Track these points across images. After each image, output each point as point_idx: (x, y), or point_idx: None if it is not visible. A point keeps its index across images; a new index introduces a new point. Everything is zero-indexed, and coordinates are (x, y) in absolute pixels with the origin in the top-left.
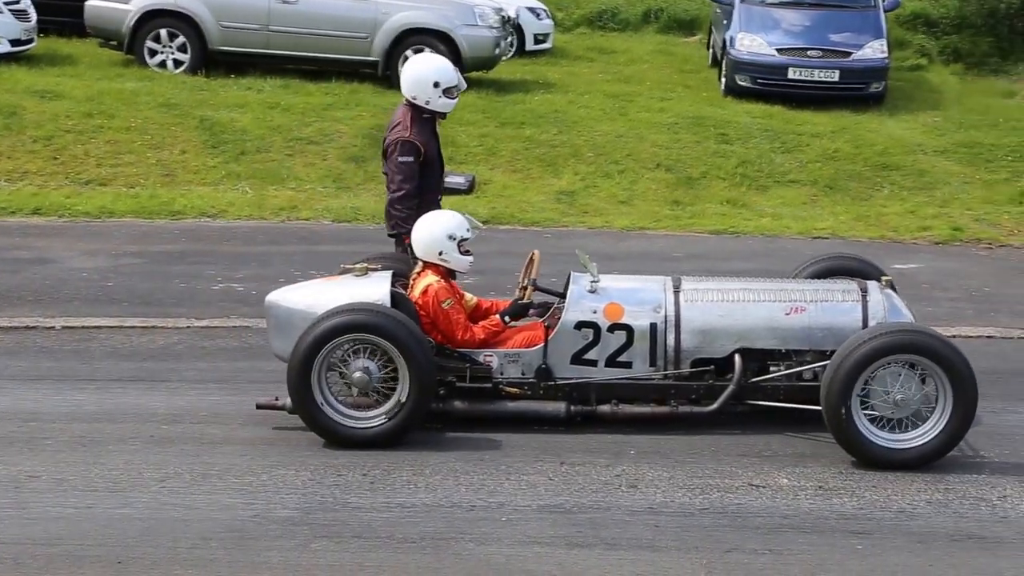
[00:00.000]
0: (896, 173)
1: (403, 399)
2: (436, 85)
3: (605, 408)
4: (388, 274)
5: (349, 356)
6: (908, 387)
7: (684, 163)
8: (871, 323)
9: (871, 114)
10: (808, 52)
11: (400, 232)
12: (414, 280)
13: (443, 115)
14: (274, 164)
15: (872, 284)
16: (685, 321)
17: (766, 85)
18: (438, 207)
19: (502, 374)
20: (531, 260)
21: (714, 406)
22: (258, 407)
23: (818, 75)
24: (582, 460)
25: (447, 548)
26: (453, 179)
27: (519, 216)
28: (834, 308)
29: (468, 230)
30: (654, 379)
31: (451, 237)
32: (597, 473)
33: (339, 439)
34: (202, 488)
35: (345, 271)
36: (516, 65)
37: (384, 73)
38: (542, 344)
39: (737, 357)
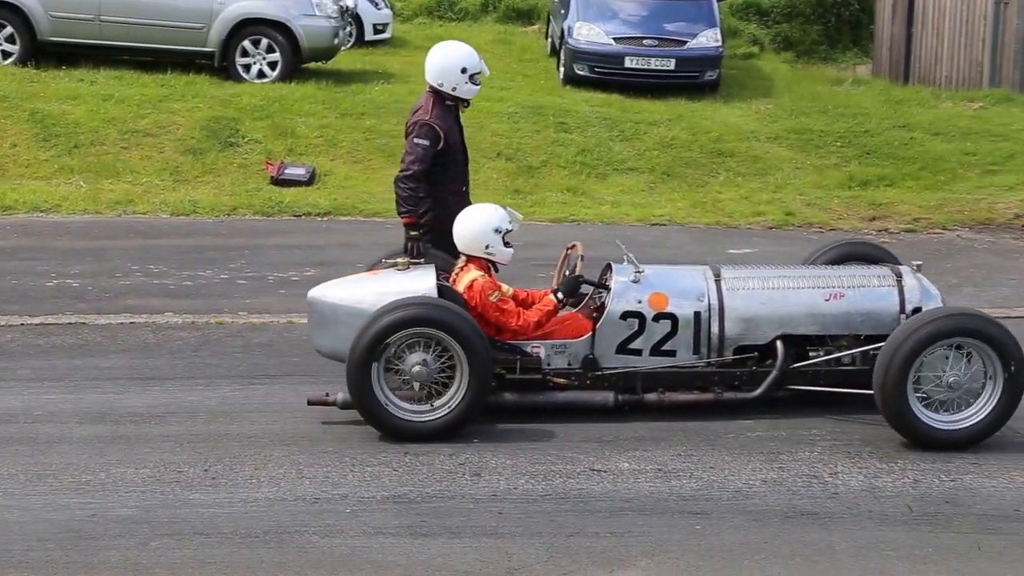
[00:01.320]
0: (731, 160)
1: (463, 392)
2: (464, 71)
3: (652, 396)
4: (431, 268)
5: (403, 351)
6: (959, 369)
7: (524, 152)
8: (907, 307)
9: (706, 102)
10: (644, 41)
11: (400, 211)
12: (457, 275)
13: (467, 102)
14: (109, 157)
15: (904, 269)
16: (729, 309)
17: (604, 74)
18: (466, 199)
19: (549, 365)
20: (566, 253)
21: (758, 391)
22: (309, 403)
23: (654, 64)
24: (426, 450)
25: (291, 542)
26: (293, 170)
27: (360, 207)
28: (872, 293)
29: (510, 222)
30: (698, 367)
31: (497, 230)
32: (441, 462)
33: (399, 434)
34: (37, 489)
35: (387, 265)
36: (356, 55)
37: (221, 64)
38: (589, 334)
39: (779, 343)
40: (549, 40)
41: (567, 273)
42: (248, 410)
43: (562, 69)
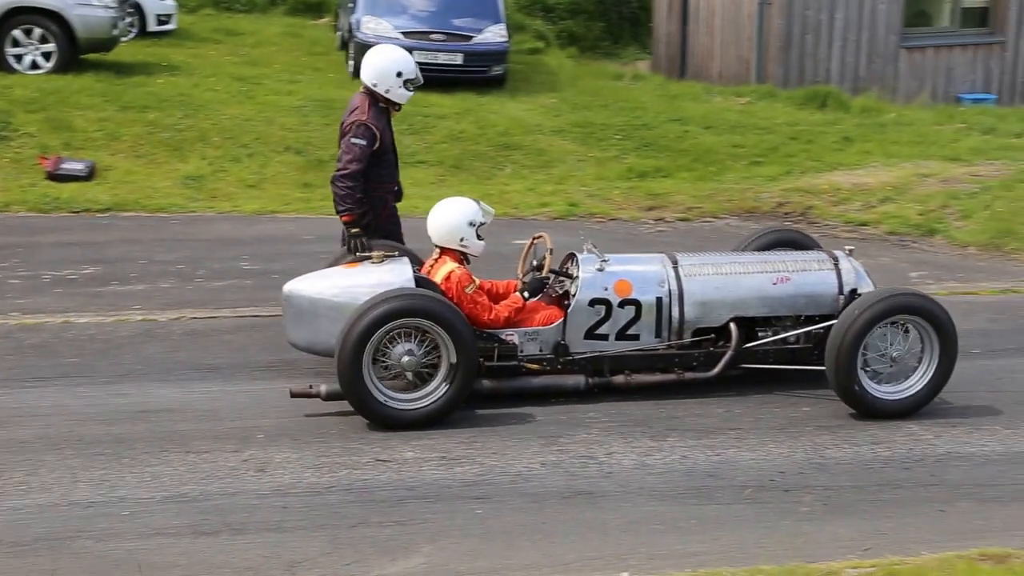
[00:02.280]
0: (517, 152)
1: (450, 380)
2: (399, 75)
3: (619, 378)
4: (406, 260)
5: (388, 343)
6: (900, 344)
7: (314, 146)
8: (845, 289)
9: (493, 96)
10: (432, 36)
11: (340, 210)
12: (431, 267)
13: (397, 107)
14: None
15: (839, 254)
16: (687, 294)
17: None
18: (394, 199)
19: (522, 352)
20: (531, 243)
21: (715, 371)
22: (292, 395)
23: (442, 58)
24: (209, 447)
25: (64, 548)
26: (70, 165)
27: (144, 203)
28: (814, 277)
29: (483, 216)
30: (659, 349)
31: (471, 224)
32: (224, 460)
33: (389, 422)
34: None
35: (361, 259)
36: (138, 47)
37: None
38: (560, 321)
39: (732, 325)
40: (339, 33)
41: (533, 263)
42: (20, 415)
43: (351, 63)
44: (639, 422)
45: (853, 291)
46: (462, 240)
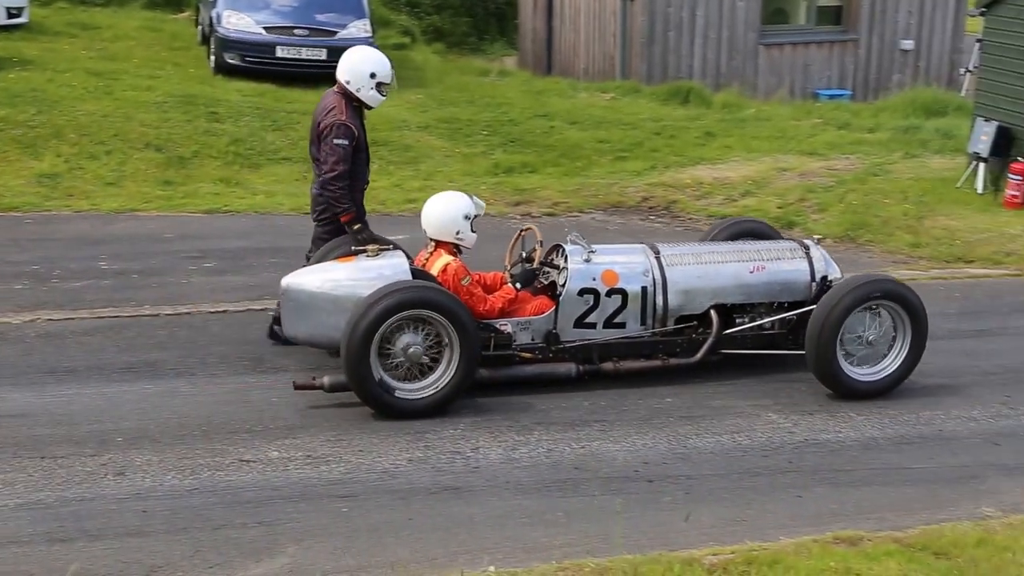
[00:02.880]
0: (384, 148)
1: (453, 369)
2: (372, 76)
3: (608, 365)
4: (401, 253)
5: (392, 334)
6: (875, 327)
7: (175, 142)
8: (817, 276)
9: None
10: (295, 31)
11: (336, 211)
12: (427, 260)
13: (369, 107)
14: None
15: (809, 242)
16: (671, 283)
17: (255, 63)
18: (362, 196)
19: (515, 341)
20: (519, 235)
21: (698, 356)
22: (296, 388)
23: (305, 53)
24: (65, 452)
25: None
26: None
27: None
28: (788, 265)
29: (476, 208)
30: (644, 337)
31: (466, 217)
32: (82, 464)
33: (393, 412)
34: None
35: (356, 253)
36: None
37: None
38: (552, 311)
39: (713, 312)
40: (199, 28)
41: (522, 255)
42: None
43: (212, 58)
44: (506, 416)
45: (824, 278)
46: (458, 233)
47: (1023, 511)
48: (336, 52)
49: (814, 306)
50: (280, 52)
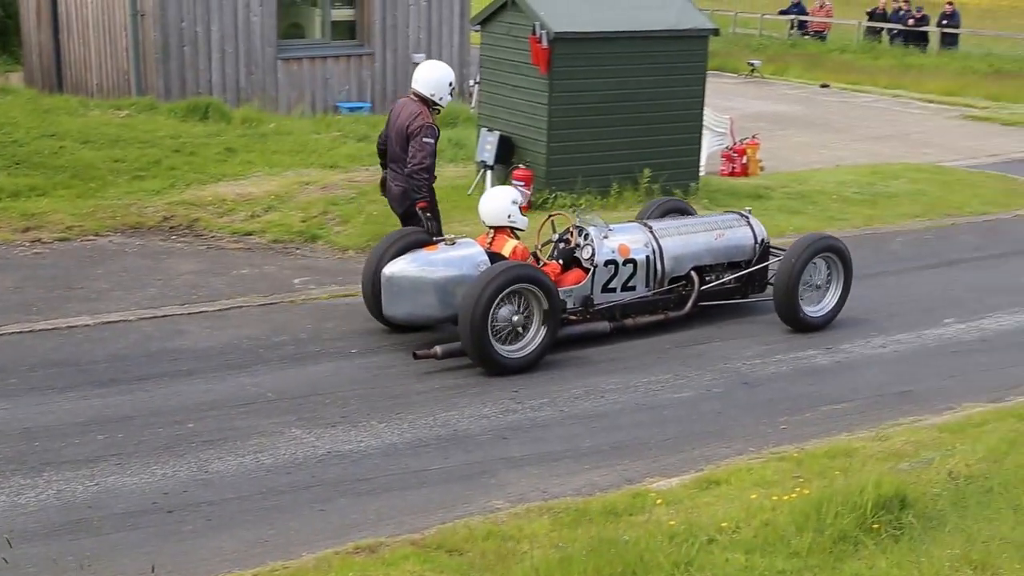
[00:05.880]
0: None
1: (544, 332)
2: (450, 85)
3: (629, 321)
4: (470, 240)
5: (495, 306)
6: (820, 274)
7: None
8: (758, 239)
9: None
10: None
11: (416, 198)
12: (489, 244)
13: (441, 110)
14: None
15: (745, 211)
16: (665, 252)
17: None
18: None
19: (565, 306)
20: (548, 218)
21: (686, 309)
22: (416, 357)
23: None
24: None
25: None
26: None
27: None
28: (739, 231)
29: (522, 196)
30: (648, 296)
31: (514, 202)
32: None
33: (502, 368)
34: None
35: (437, 242)
36: None
37: None
38: (588, 279)
39: (693, 273)
40: None
41: (554, 237)
42: None
43: None
44: (10, 459)
45: (763, 240)
46: (510, 217)
47: (528, 500)
48: None
49: (764, 263)
50: None
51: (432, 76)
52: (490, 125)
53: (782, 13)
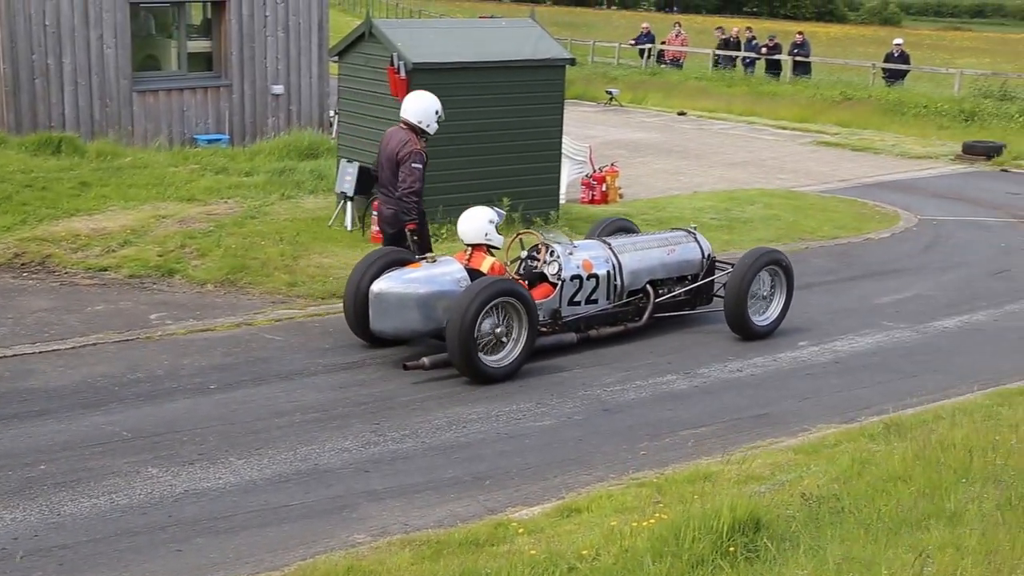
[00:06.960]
0: None
1: (523, 343)
2: (436, 112)
3: (594, 332)
4: (449, 258)
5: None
6: (766, 285)
7: None
8: (705, 253)
9: None
10: None
11: (405, 220)
12: (467, 261)
13: (428, 137)
14: None
15: (691, 228)
16: (624, 267)
17: None
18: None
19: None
20: (516, 237)
21: (643, 320)
22: (405, 368)
23: None
24: None
25: None
26: None
27: None
28: (687, 247)
29: (498, 216)
30: (609, 308)
31: (491, 222)
32: None
33: (486, 378)
34: None
35: (420, 260)
36: None
37: None
38: (556, 294)
39: (648, 286)
40: None
41: (523, 254)
42: None
43: None
44: None
45: (709, 255)
46: (487, 235)
47: (390, 533)
48: None
49: (711, 277)
50: None
51: (419, 105)
52: (350, 156)
53: (635, 42)
